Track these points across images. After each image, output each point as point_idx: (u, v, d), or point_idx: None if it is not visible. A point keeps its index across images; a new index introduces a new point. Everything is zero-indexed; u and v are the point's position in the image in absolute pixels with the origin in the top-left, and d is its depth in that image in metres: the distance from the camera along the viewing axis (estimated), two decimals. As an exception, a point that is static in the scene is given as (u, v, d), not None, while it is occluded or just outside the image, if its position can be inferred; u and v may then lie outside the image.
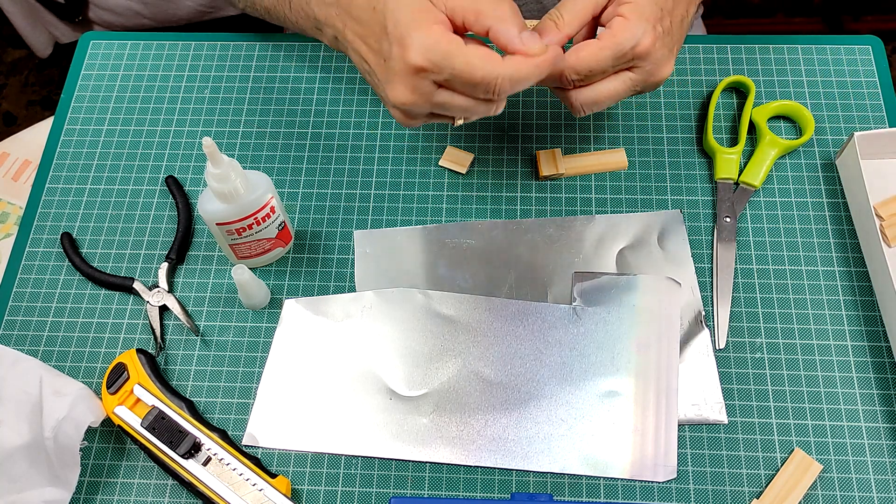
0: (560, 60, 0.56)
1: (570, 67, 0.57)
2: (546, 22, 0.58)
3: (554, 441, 0.60)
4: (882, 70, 0.74)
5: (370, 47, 0.56)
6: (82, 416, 0.57)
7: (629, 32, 0.56)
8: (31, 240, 0.70)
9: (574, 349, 0.62)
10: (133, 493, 0.60)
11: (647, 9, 0.57)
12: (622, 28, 0.56)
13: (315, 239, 0.69)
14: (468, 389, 0.62)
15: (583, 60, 0.57)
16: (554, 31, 0.57)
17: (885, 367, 0.61)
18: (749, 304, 0.64)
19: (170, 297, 0.66)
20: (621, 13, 0.57)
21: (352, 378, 0.63)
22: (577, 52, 0.57)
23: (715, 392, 0.61)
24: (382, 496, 0.59)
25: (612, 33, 0.57)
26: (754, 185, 0.68)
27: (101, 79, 0.78)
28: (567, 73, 0.57)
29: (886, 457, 0.58)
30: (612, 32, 0.57)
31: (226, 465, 0.58)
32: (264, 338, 0.65)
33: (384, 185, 0.71)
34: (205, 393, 0.63)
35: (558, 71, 0.57)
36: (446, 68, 0.51)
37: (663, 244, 0.67)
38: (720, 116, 0.73)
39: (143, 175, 0.73)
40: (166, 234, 0.70)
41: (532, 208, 0.69)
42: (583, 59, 0.57)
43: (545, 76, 0.54)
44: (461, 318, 0.64)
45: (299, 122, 0.74)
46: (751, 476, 0.58)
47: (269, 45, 0.79)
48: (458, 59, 0.51)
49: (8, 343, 0.65)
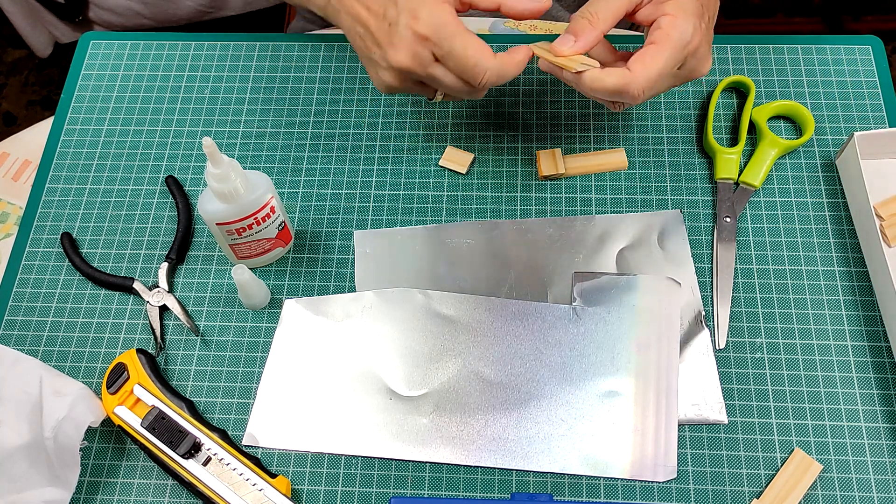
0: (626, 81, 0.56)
1: (638, 77, 0.56)
2: (579, 21, 0.58)
3: (554, 441, 0.60)
4: (882, 70, 0.74)
5: (371, 11, 0.59)
6: (82, 416, 0.57)
7: (680, 30, 0.56)
8: (31, 240, 0.70)
9: (574, 349, 0.62)
10: (133, 493, 0.60)
11: (691, 6, 0.57)
12: (673, 26, 0.56)
13: (315, 239, 0.69)
14: (468, 389, 0.62)
15: (650, 68, 0.56)
16: (589, 29, 0.57)
17: (885, 367, 0.61)
18: (749, 304, 0.64)
19: (170, 297, 0.66)
20: (666, 11, 0.57)
21: (352, 378, 0.63)
22: (641, 60, 0.56)
23: (715, 392, 0.61)
24: (382, 496, 0.59)
25: (664, 33, 0.56)
26: (754, 185, 0.68)
27: (101, 79, 0.78)
28: (634, 90, 0.57)
29: (886, 457, 0.58)
30: (664, 32, 0.56)
31: (226, 465, 0.58)
32: (264, 338, 0.65)
33: (384, 185, 0.71)
34: (205, 393, 0.63)
35: (623, 87, 0.57)
36: (446, 45, 0.56)
37: (663, 244, 0.67)
38: (720, 116, 0.73)
39: (143, 175, 0.73)
40: (166, 234, 0.70)
41: (532, 208, 0.69)
42: (650, 67, 0.56)
43: (600, 93, 0.57)
44: (461, 318, 0.64)
45: (299, 122, 0.74)
46: (751, 476, 0.58)
47: (269, 45, 0.79)
48: (457, 40, 0.56)
49: (8, 343, 0.65)
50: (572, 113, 0.73)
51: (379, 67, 0.60)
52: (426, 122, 0.74)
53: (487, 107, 0.74)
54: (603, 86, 0.57)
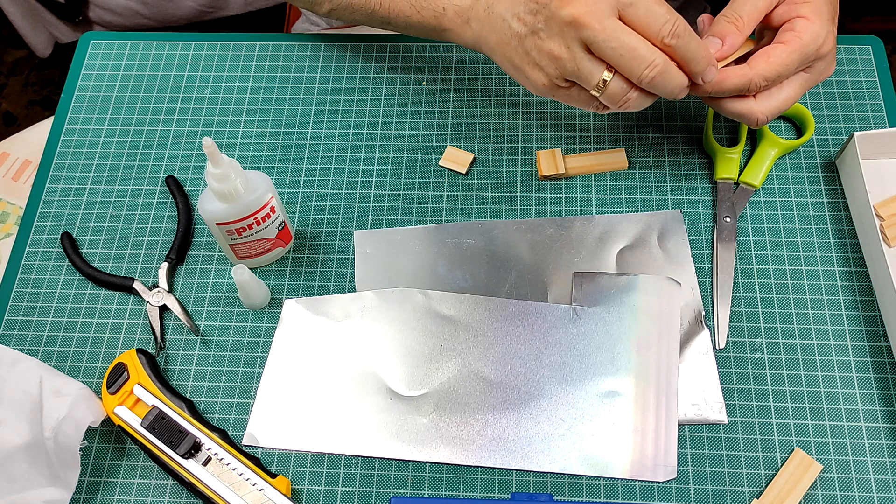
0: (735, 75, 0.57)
1: (760, 74, 0.56)
2: (726, 25, 0.57)
3: (554, 441, 0.60)
4: (882, 70, 0.74)
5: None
6: (82, 416, 0.57)
7: (813, 34, 0.56)
8: (31, 240, 0.70)
9: (574, 349, 0.62)
10: (133, 493, 0.60)
11: (825, 8, 0.57)
12: (806, 29, 0.56)
13: (315, 239, 0.69)
14: (468, 389, 0.62)
15: (773, 66, 0.56)
16: (734, 33, 0.57)
17: (885, 367, 0.61)
18: (749, 304, 0.64)
19: (170, 297, 0.66)
20: (802, 14, 0.57)
21: (352, 378, 0.63)
22: (767, 57, 0.56)
23: (715, 392, 0.61)
24: (382, 496, 0.59)
25: (796, 35, 0.56)
26: (754, 185, 0.68)
27: (101, 79, 0.78)
28: (755, 80, 0.57)
29: (886, 457, 0.58)
30: (796, 35, 0.56)
31: (226, 465, 0.58)
32: (264, 338, 0.65)
33: (384, 185, 0.71)
34: (205, 393, 0.63)
35: (746, 80, 0.57)
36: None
37: (663, 244, 0.67)
38: (720, 116, 0.73)
39: (143, 175, 0.73)
40: (166, 234, 0.70)
41: (532, 208, 0.69)
42: (773, 65, 0.56)
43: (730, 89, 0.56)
44: (461, 318, 0.64)
45: (299, 122, 0.74)
46: (751, 476, 0.58)
47: (269, 45, 0.79)
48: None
49: (8, 343, 0.65)
50: (572, 113, 0.73)
51: (541, 38, 0.55)
52: (426, 122, 0.74)
53: (487, 107, 0.74)
54: (723, 87, 0.57)
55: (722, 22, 0.58)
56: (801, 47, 0.56)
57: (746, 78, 0.56)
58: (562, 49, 0.54)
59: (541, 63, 0.56)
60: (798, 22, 0.57)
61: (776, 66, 0.56)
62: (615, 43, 0.52)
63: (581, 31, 0.52)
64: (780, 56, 0.56)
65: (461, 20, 0.64)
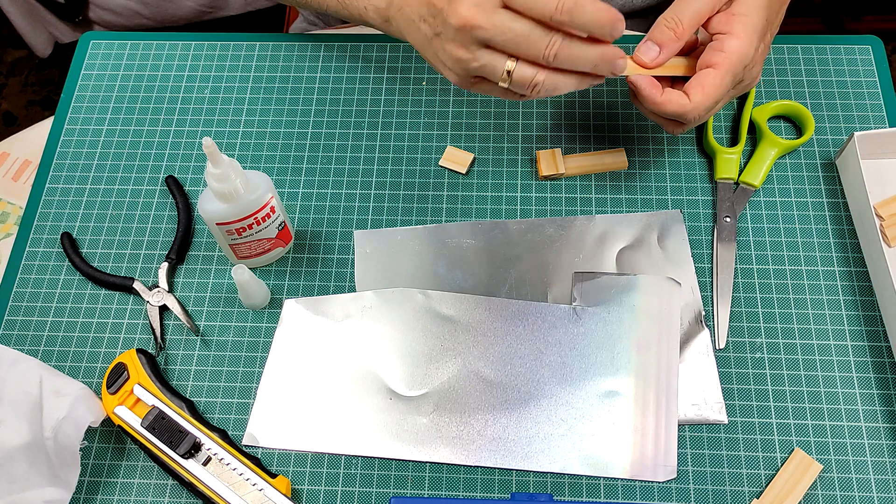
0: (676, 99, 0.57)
1: (701, 106, 0.57)
2: (665, 31, 0.57)
3: (554, 441, 0.60)
4: (882, 70, 0.74)
5: None
6: (82, 416, 0.57)
7: (742, 54, 0.57)
8: (31, 240, 0.70)
9: (574, 349, 0.62)
10: (133, 493, 0.60)
11: (759, 24, 0.57)
12: (735, 51, 0.56)
13: (315, 239, 0.69)
14: (468, 389, 0.62)
15: (709, 95, 0.57)
16: (672, 41, 0.57)
17: (885, 367, 0.61)
18: (749, 304, 0.64)
19: (170, 297, 0.66)
20: (735, 31, 0.56)
21: (352, 378, 0.63)
22: (702, 88, 0.57)
23: (715, 392, 0.61)
24: (382, 496, 0.59)
25: (727, 57, 0.56)
26: (754, 185, 0.68)
27: (101, 79, 0.78)
28: (694, 114, 0.57)
29: (886, 457, 0.58)
30: (727, 56, 0.56)
31: (226, 465, 0.58)
32: (264, 338, 0.65)
33: (384, 185, 0.71)
34: (205, 393, 0.63)
35: (685, 111, 0.57)
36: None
37: (663, 244, 0.67)
38: (720, 116, 0.73)
39: (143, 175, 0.73)
40: (166, 234, 0.70)
41: (532, 208, 0.69)
42: (709, 94, 0.57)
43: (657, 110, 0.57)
44: (461, 318, 0.64)
45: (299, 122, 0.74)
46: (751, 476, 0.58)
47: (269, 45, 0.79)
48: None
49: (8, 343, 0.66)
50: (572, 113, 0.74)
51: (443, 41, 0.56)
52: (426, 122, 0.74)
53: (487, 107, 0.74)
54: (663, 110, 0.58)
55: (662, 27, 0.57)
56: (731, 68, 0.57)
57: (685, 108, 0.57)
58: (461, 51, 0.54)
59: (448, 64, 0.56)
60: (728, 42, 0.57)
61: (712, 94, 0.57)
62: (508, 34, 0.52)
63: (473, 31, 0.53)
64: (714, 83, 0.56)
65: (381, 19, 0.66)
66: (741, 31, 0.56)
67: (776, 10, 0.61)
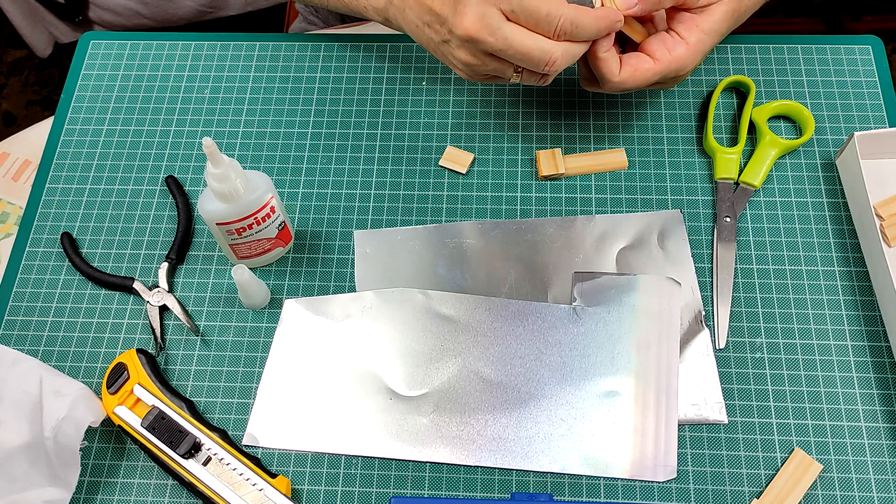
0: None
1: (622, 82, 0.60)
2: None
3: (554, 441, 0.60)
4: (882, 70, 0.74)
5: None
6: (82, 416, 0.57)
7: (683, 63, 0.60)
8: (31, 240, 0.70)
9: (574, 349, 0.62)
10: (133, 493, 0.60)
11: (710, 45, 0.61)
12: (679, 59, 0.60)
13: (315, 239, 0.69)
14: (468, 389, 0.62)
15: (636, 80, 0.60)
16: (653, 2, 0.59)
17: (885, 367, 0.61)
18: (749, 304, 0.64)
19: (170, 297, 0.66)
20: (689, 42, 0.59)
21: (352, 378, 0.63)
22: (634, 70, 0.60)
23: (715, 392, 0.61)
24: (382, 496, 0.59)
25: (670, 60, 0.60)
26: (754, 185, 0.68)
27: (101, 79, 0.78)
28: (614, 88, 0.61)
29: (886, 457, 0.58)
30: (672, 59, 0.60)
31: (226, 465, 0.58)
32: (264, 338, 0.65)
33: (384, 185, 0.71)
34: (205, 393, 0.63)
35: (607, 79, 0.60)
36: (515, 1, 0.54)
37: (663, 244, 0.67)
38: (720, 116, 0.73)
39: (143, 175, 0.73)
40: (166, 234, 0.70)
41: (532, 208, 0.69)
42: (636, 79, 0.60)
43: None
44: (461, 318, 0.64)
45: (299, 122, 0.74)
46: (751, 476, 0.58)
47: (269, 45, 0.79)
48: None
49: (8, 343, 0.66)
50: (572, 113, 0.74)
51: (451, 47, 0.59)
52: (426, 122, 0.74)
53: (487, 107, 0.74)
54: (595, 65, 0.60)
55: None
56: (667, 70, 0.60)
57: (610, 77, 0.60)
58: (470, 58, 0.58)
59: (458, 66, 0.60)
60: (678, 48, 0.60)
61: (639, 80, 0.60)
62: (511, 51, 0.56)
63: (479, 44, 0.56)
64: (646, 73, 0.60)
65: (381, 18, 0.69)
66: (694, 45, 0.60)
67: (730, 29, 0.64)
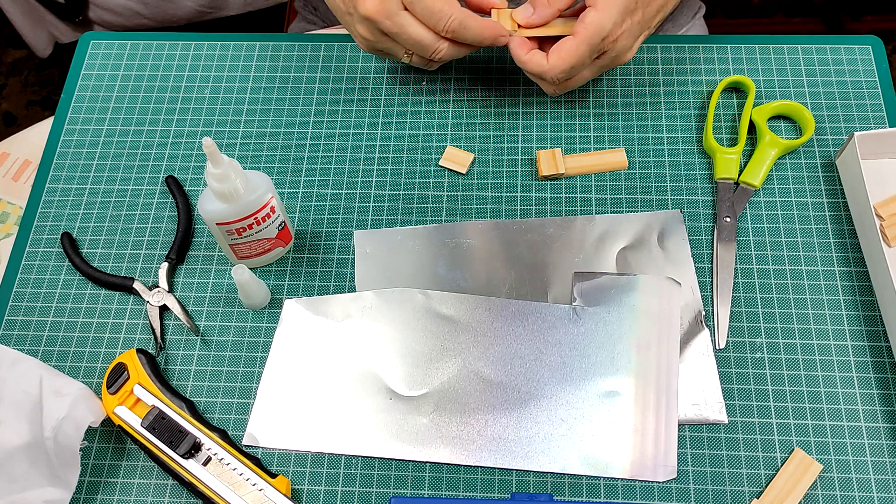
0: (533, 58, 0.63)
1: (555, 68, 0.62)
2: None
3: (554, 441, 0.60)
4: (882, 70, 0.74)
5: None
6: (82, 416, 0.57)
7: (598, 26, 0.61)
8: (31, 240, 0.70)
9: (574, 349, 0.62)
10: (133, 493, 0.60)
11: (624, 1, 0.61)
12: (592, 22, 0.61)
13: (315, 239, 0.69)
14: (468, 389, 0.62)
15: (565, 59, 0.62)
16: (545, 6, 0.63)
17: (885, 367, 0.61)
18: (749, 304, 0.64)
19: (170, 297, 0.66)
20: (596, 5, 0.61)
21: (352, 378, 0.63)
22: (559, 52, 0.61)
23: (715, 392, 0.61)
24: (382, 496, 0.59)
25: (584, 27, 0.61)
26: (754, 185, 0.68)
27: (101, 79, 0.78)
28: (551, 74, 0.63)
29: (886, 457, 0.58)
30: (584, 27, 0.61)
31: (226, 465, 0.58)
32: (264, 338, 0.65)
33: (384, 185, 0.71)
34: (205, 393, 0.63)
35: (542, 70, 0.62)
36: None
37: (663, 244, 0.67)
38: (720, 116, 0.73)
39: (143, 175, 0.73)
40: (166, 234, 0.70)
41: (532, 208, 0.69)
42: (564, 59, 0.62)
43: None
44: (461, 318, 0.64)
45: (299, 122, 0.74)
46: (751, 476, 0.58)
47: (269, 45, 0.79)
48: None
49: (8, 343, 0.66)
50: (572, 113, 0.74)
51: (354, 21, 0.64)
52: (426, 122, 0.74)
53: (487, 107, 0.74)
54: (525, 68, 0.64)
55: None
56: (587, 39, 0.61)
57: (542, 69, 0.63)
58: (368, 34, 0.64)
59: (358, 38, 0.66)
60: (588, 14, 0.61)
61: (568, 60, 0.61)
62: (404, 36, 0.62)
63: (376, 24, 0.62)
64: (570, 50, 0.61)
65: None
66: (602, 6, 0.61)
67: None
